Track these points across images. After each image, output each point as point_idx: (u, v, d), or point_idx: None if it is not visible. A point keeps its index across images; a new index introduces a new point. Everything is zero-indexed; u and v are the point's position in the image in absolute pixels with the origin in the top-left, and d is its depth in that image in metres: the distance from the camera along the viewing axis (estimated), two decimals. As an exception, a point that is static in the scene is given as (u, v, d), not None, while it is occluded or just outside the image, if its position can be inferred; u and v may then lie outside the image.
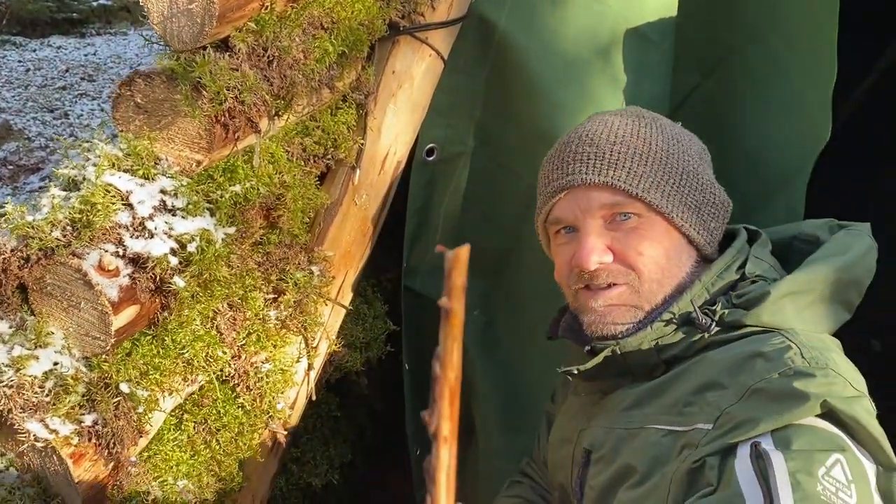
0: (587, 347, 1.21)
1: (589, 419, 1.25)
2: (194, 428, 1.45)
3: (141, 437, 1.29)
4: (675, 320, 1.13)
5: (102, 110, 4.47)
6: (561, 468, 1.32)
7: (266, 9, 1.29)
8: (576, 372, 1.21)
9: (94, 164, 1.19)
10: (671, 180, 1.17)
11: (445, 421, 0.60)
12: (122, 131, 1.27)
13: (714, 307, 1.11)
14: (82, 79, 4.93)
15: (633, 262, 1.15)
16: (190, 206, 1.25)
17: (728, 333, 1.10)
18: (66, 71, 5.05)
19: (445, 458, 0.60)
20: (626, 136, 1.19)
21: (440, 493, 0.59)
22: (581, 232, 1.19)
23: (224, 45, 1.26)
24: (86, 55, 5.47)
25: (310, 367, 1.62)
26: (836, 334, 1.14)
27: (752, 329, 1.08)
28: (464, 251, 0.60)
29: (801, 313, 1.09)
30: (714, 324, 1.10)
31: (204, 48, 1.22)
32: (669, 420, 1.06)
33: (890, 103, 2.77)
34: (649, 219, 1.16)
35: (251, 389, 1.47)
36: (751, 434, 0.93)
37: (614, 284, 1.16)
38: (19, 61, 5.26)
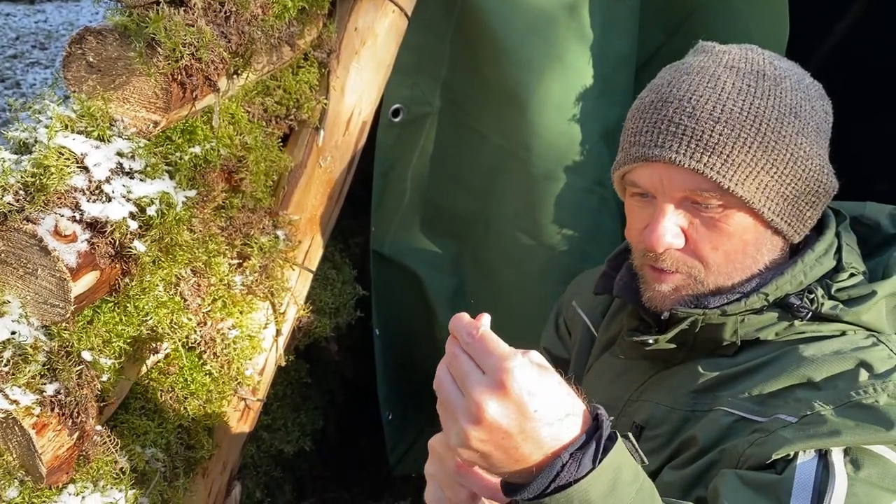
0: (665, 314, 1.11)
1: (640, 390, 1.17)
2: (161, 396, 1.43)
3: (105, 405, 1.26)
4: (767, 301, 1.06)
5: (57, 79, 4.35)
6: None
7: (222, -38, 1.24)
8: (652, 342, 1.12)
9: (46, 126, 1.15)
10: (773, 170, 1.03)
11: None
12: (74, 92, 1.22)
13: (812, 295, 1.05)
14: (33, 47, 4.78)
15: (705, 255, 1.07)
16: (148, 169, 1.21)
17: (819, 325, 1.05)
18: (17, 39, 4.89)
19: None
20: (734, 112, 1.02)
21: None
22: (657, 209, 1.08)
23: (179, 0, 1.21)
24: (36, 22, 5.30)
25: (278, 332, 1.60)
26: None
27: (846, 327, 1.04)
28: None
29: (888, 316, 1.06)
30: (810, 313, 1.04)
31: (157, 3, 1.17)
32: (747, 408, 1.00)
33: (851, 64, 2.78)
34: (734, 212, 1.05)
35: (218, 356, 1.44)
36: (835, 443, 0.90)
37: (677, 271, 1.09)
38: (-34, 29, 5.08)
